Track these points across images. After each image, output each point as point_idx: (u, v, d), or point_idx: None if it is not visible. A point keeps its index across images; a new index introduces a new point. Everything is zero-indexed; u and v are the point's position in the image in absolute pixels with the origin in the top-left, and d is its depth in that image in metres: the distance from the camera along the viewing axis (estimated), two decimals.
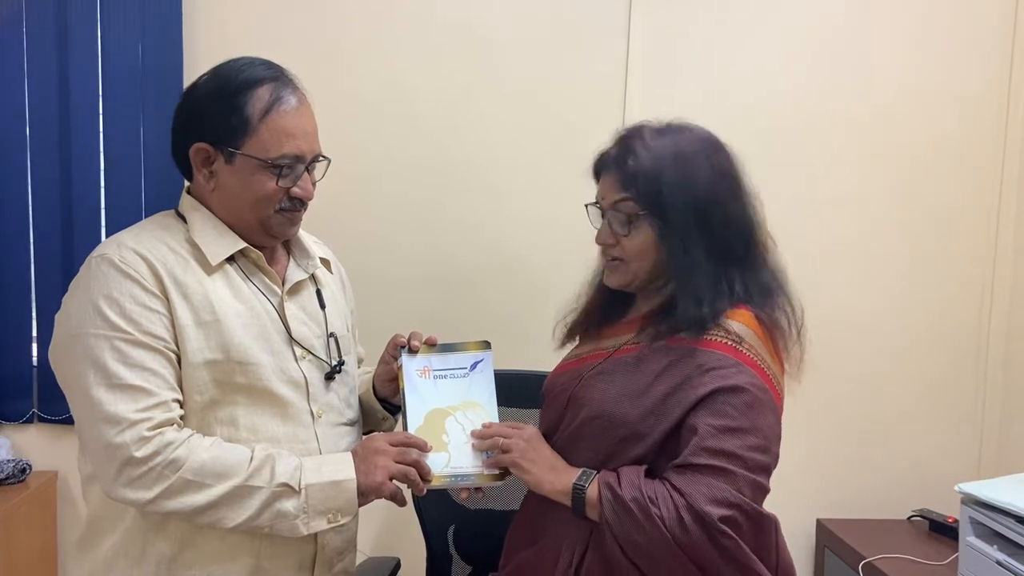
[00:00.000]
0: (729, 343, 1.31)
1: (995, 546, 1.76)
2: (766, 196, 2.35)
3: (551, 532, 1.39)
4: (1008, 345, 2.41)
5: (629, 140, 1.38)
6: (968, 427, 2.44)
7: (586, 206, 1.47)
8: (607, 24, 2.31)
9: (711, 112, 2.31)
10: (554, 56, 2.31)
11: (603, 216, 1.41)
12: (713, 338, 1.32)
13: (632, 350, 1.39)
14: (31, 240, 2.21)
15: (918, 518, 2.34)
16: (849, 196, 2.38)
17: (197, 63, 2.15)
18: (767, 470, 1.29)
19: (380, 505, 1.40)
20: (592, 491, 1.30)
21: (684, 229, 1.32)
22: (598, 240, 1.42)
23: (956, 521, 2.05)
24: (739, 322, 1.34)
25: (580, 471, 1.34)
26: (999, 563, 1.73)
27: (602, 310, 1.51)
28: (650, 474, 1.32)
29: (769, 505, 1.35)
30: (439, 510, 1.94)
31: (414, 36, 2.28)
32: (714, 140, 1.41)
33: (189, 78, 2.11)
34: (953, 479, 1.91)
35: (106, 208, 2.21)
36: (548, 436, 1.44)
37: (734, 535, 1.23)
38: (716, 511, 1.22)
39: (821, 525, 2.38)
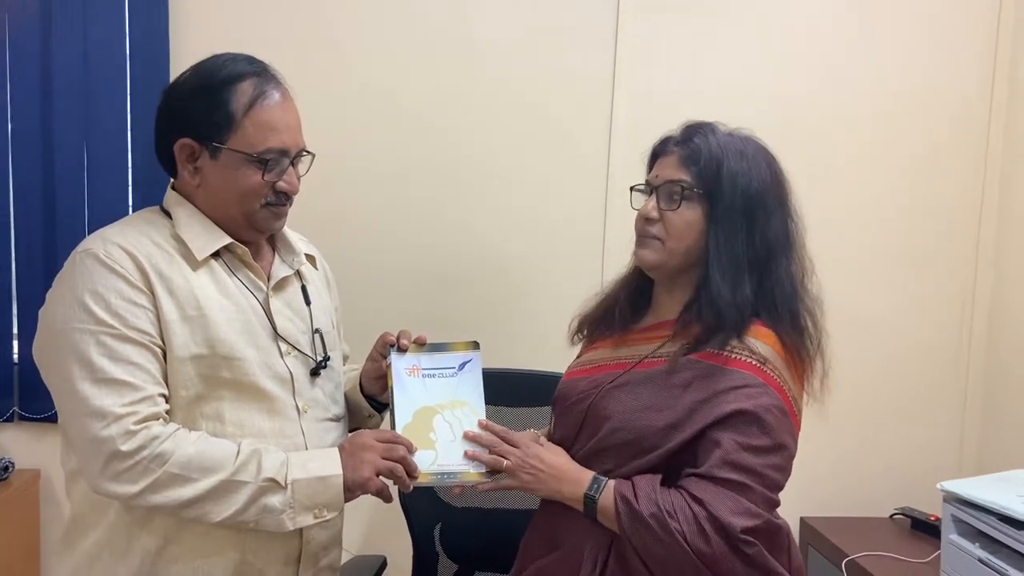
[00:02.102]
0: (754, 363, 1.33)
1: (977, 544, 1.77)
2: None
3: (571, 539, 1.39)
4: (990, 346, 2.43)
5: (699, 126, 1.43)
6: (950, 426, 2.46)
7: (632, 188, 1.48)
8: (596, 25, 2.32)
9: (698, 114, 2.33)
10: (544, 57, 2.31)
11: (651, 193, 1.42)
12: (739, 357, 1.33)
13: (656, 363, 1.39)
14: (12, 237, 2.19)
15: (900, 516, 2.35)
16: (834, 199, 2.39)
17: (184, 61, 2.13)
18: (781, 488, 1.33)
19: (366, 503, 1.40)
20: (606, 501, 1.31)
21: (730, 218, 1.36)
22: (642, 212, 1.42)
23: (938, 519, 2.06)
24: (763, 342, 1.35)
25: (590, 478, 1.35)
26: (981, 560, 1.74)
27: (621, 311, 1.50)
28: (662, 482, 1.33)
29: None
30: (425, 508, 1.94)
31: (404, 36, 2.28)
32: (773, 154, 1.45)
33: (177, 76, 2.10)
34: (935, 478, 1.92)
35: (89, 205, 2.20)
36: (564, 443, 1.45)
37: (757, 543, 1.25)
38: (740, 522, 1.24)
39: (805, 523, 2.40)
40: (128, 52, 2.17)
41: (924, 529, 2.25)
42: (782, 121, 2.37)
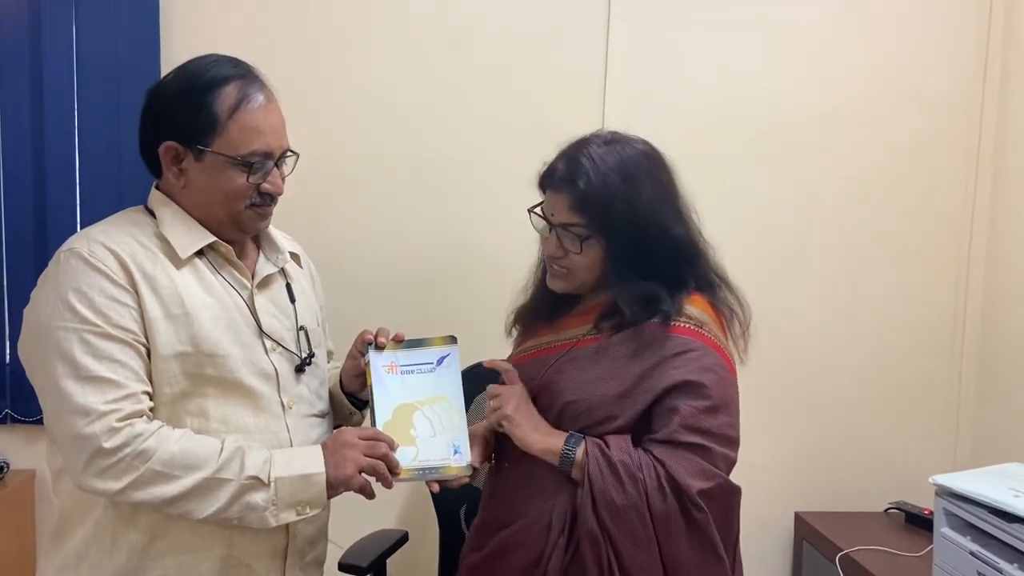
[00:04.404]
0: (692, 327, 1.41)
1: (968, 537, 1.77)
2: (742, 193, 2.38)
3: (535, 507, 1.42)
4: (983, 340, 2.43)
5: (577, 159, 1.42)
6: (944, 420, 2.46)
7: (529, 211, 1.51)
8: (587, 21, 2.32)
9: (688, 111, 2.34)
10: (532, 55, 2.31)
11: (551, 229, 1.46)
12: (678, 323, 1.41)
13: (599, 339, 1.45)
14: (3, 239, 2.20)
15: (895, 510, 2.35)
16: (826, 191, 2.40)
17: (174, 59, 2.13)
18: (736, 443, 1.41)
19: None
20: (579, 453, 1.37)
21: (628, 248, 1.41)
22: (547, 251, 1.48)
23: (932, 513, 2.06)
24: (697, 308, 1.43)
25: (567, 434, 1.40)
26: (972, 554, 1.73)
27: (552, 303, 1.56)
28: None
29: (748, 498, 1.43)
30: (452, 489, 1.94)
31: (391, 35, 2.28)
32: (653, 153, 1.47)
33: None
34: (929, 472, 1.92)
35: (81, 206, 2.20)
36: None
37: (706, 510, 1.32)
38: (696, 484, 1.32)
39: (799, 518, 2.40)
40: (118, 51, 2.17)
41: (918, 523, 2.25)
42: (773, 116, 2.37)
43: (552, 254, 1.46)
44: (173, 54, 2.17)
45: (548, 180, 1.47)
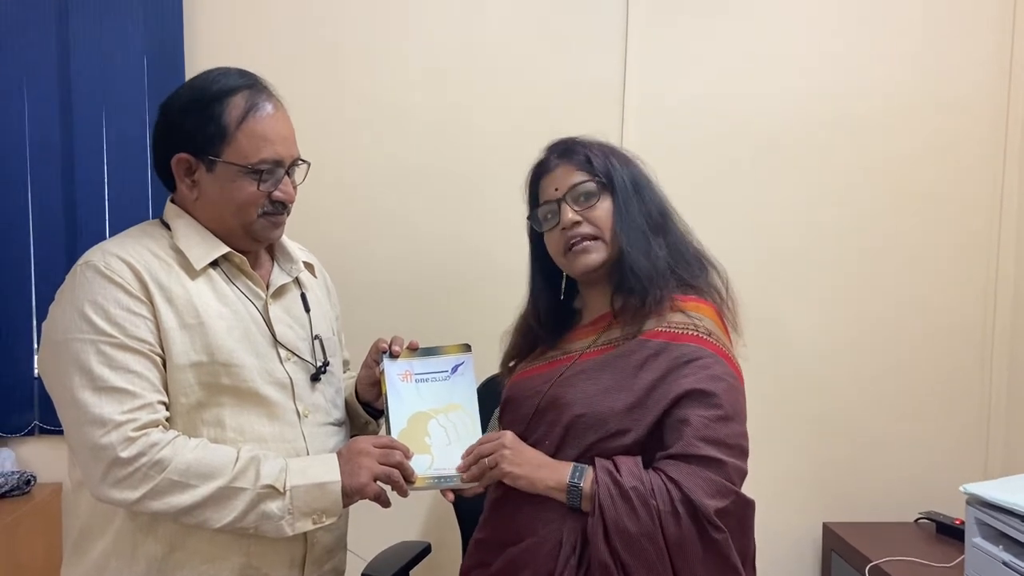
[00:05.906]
0: (700, 335, 1.40)
1: (1001, 546, 1.73)
2: (764, 199, 2.36)
3: (544, 526, 1.39)
4: (1013, 347, 2.39)
5: (569, 142, 1.54)
6: (974, 429, 2.42)
7: (529, 217, 1.56)
8: (605, 31, 2.32)
9: (707, 118, 2.33)
10: (548, 63, 2.32)
11: (560, 206, 1.47)
12: (686, 332, 1.40)
13: (606, 349, 1.44)
14: (32, 252, 2.23)
15: (925, 520, 2.31)
16: (852, 200, 2.38)
17: (198, 70, 2.16)
18: (747, 454, 1.38)
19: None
20: (587, 483, 1.33)
21: (626, 196, 1.47)
22: (565, 225, 1.46)
23: (963, 523, 2.02)
24: (703, 315, 1.42)
25: (571, 466, 1.37)
26: (1005, 564, 1.70)
27: (551, 328, 1.56)
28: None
29: (776, 509, 1.40)
30: (473, 500, 1.94)
31: (406, 44, 2.30)
32: None
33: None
34: (960, 481, 1.89)
35: (110, 219, 2.23)
36: (521, 439, 1.45)
37: (725, 529, 1.29)
38: (713, 504, 1.28)
39: (828, 529, 2.36)
40: (144, 62, 2.21)
41: (949, 533, 2.21)
42: (795, 123, 2.36)
43: (572, 223, 1.45)
44: (197, 65, 2.19)
45: (544, 167, 1.54)
